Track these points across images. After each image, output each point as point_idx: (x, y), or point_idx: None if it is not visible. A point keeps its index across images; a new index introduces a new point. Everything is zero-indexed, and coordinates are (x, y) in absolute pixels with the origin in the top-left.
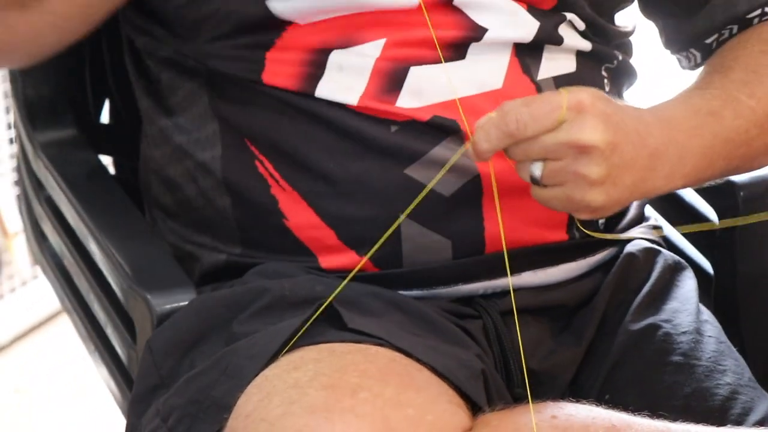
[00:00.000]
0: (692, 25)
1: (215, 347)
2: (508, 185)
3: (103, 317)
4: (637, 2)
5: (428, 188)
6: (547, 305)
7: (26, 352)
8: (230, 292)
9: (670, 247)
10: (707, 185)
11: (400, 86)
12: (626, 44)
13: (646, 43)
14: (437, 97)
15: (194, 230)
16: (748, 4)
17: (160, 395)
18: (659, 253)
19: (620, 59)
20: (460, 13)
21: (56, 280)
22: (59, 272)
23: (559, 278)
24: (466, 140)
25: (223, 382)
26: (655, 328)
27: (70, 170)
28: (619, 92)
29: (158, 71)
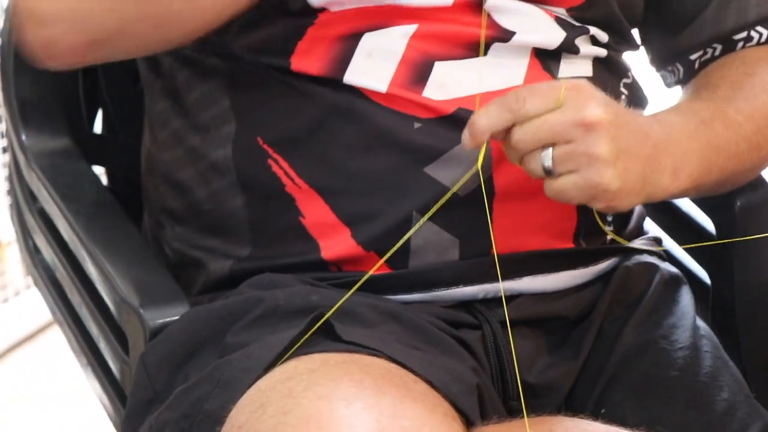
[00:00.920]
0: (679, 39)
1: (209, 360)
2: (516, 189)
3: (95, 331)
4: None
5: (452, 192)
6: (546, 316)
7: (20, 361)
8: (224, 303)
9: (668, 258)
10: (705, 196)
11: (425, 78)
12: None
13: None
14: (461, 91)
15: (203, 234)
16: (735, 22)
17: (154, 410)
18: (657, 267)
19: (633, 76)
20: (488, 17)
21: (48, 292)
22: (52, 285)
23: (559, 286)
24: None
25: (216, 394)
26: (652, 343)
27: (63, 181)
28: None
29: (176, 69)
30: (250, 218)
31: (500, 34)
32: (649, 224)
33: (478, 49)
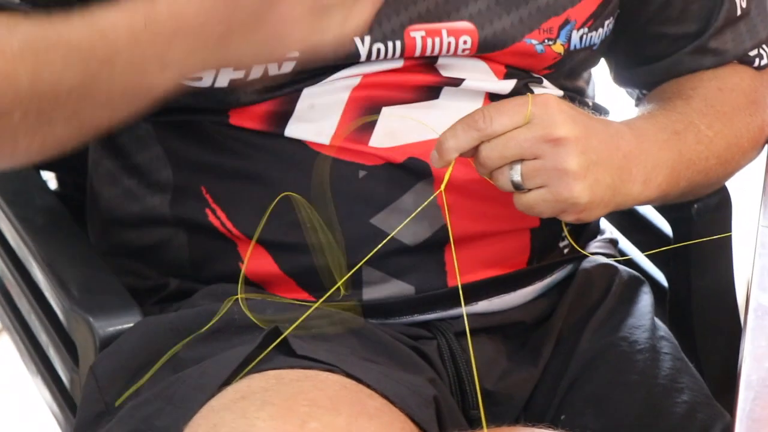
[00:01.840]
0: (649, 71)
1: (163, 374)
2: (469, 234)
3: (45, 339)
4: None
5: (389, 238)
6: (503, 323)
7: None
8: (177, 315)
9: (625, 261)
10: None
11: (372, 126)
12: (591, 85)
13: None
14: (411, 137)
15: (146, 266)
16: (711, 64)
17: (105, 423)
18: (616, 269)
19: (590, 105)
20: (438, 74)
21: None
22: (0, 291)
23: (515, 303)
24: (436, 185)
25: (168, 412)
26: (611, 346)
27: (9, 187)
28: None
29: None
30: (191, 257)
31: (448, 80)
32: (604, 225)
33: (427, 93)
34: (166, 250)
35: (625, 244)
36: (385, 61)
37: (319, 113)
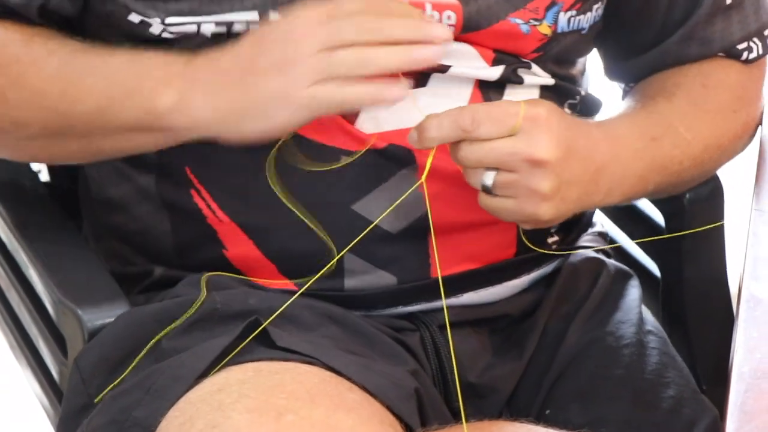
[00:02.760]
0: (638, 62)
1: (145, 364)
2: (453, 223)
3: (34, 331)
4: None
5: (372, 226)
6: (489, 316)
7: None
8: (160, 305)
9: (617, 252)
10: None
11: (355, 116)
12: (585, 78)
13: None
14: (394, 124)
15: (134, 251)
16: (698, 54)
17: (89, 415)
18: (603, 263)
19: (583, 94)
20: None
21: None
22: None
23: (502, 296)
24: (419, 173)
25: (146, 402)
26: (597, 340)
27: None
28: None
29: None
30: (175, 245)
31: (436, 66)
32: (598, 215)
33: (415, 81)
34: (151, 235)
35: (618, 235)
36: None
37: None
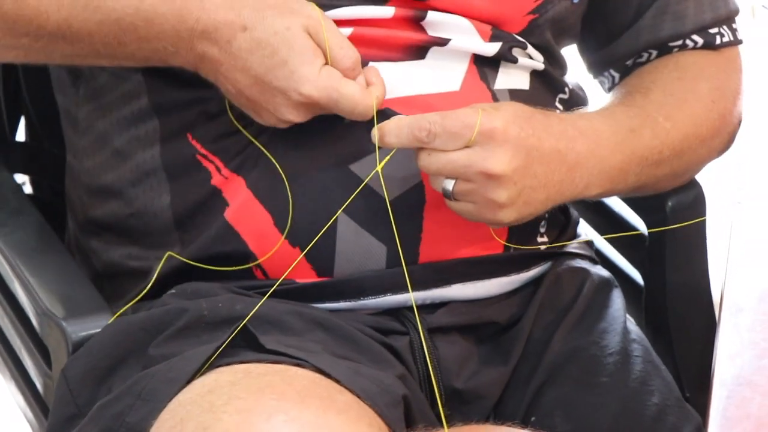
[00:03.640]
0: (614, 47)
1: (133, 372)
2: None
3: (18, 343)
4: None
5: (366, 181)
6: (476, 322)
7: None
8: (147, 314)
9: (601, 260)
10: (636, 197)
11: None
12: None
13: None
14: (393, 93)
15: (130, 241)
16: (672, 30)
17: (77, 425)
18: (587, 272)
19: (571, 88)
20: (425, 32)
21: None
22: None
23: (490, 293)
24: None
25: (137, 407)
26: (581, 349)
27: None
28: None
29: (97, 71)
30: (174, 216)
31: (435, 40)
32: (582, 226)
33: (414, 53)
34: (148, 215)
35: (602, 245)
36: (374, 3)
37: None
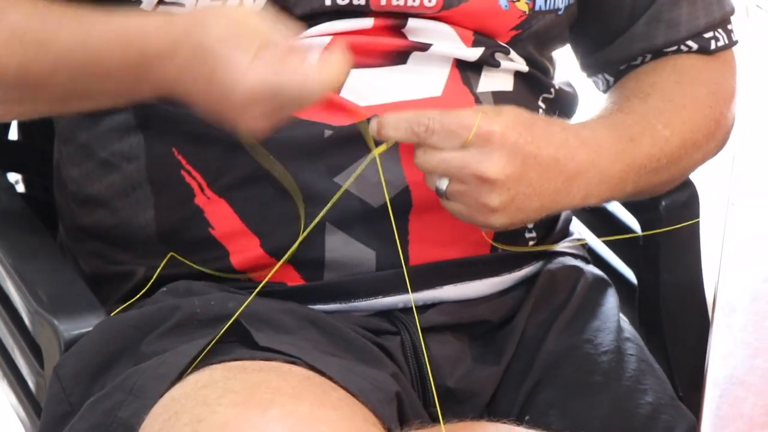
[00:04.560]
0: (607, 52)
1: (126, 370)
2: (433, 201)
3: (10, 342)
4: None
5: (345, 186)
6: (469, 321)
7: None
8: (139, 312)
9: (594, 259)
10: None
11: (340, 87)
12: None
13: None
14: (377, 99)
15: (116, 248)
16: (666, 38)
17: (69, 423)
18: (581, 270)
19: (557, 89)
20: (406, 38)
21: None
22: None
23: (481, 293)
24: (400, 148)
25: (129, 402)
26: (575, 347)
27: None
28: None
29: None
30: (158, 230)
31: (416, 45)
32: (575, 224)
33: (394, 58)
34: (132, 227)
35: (595, 243)
36: (353, 16)
37: None
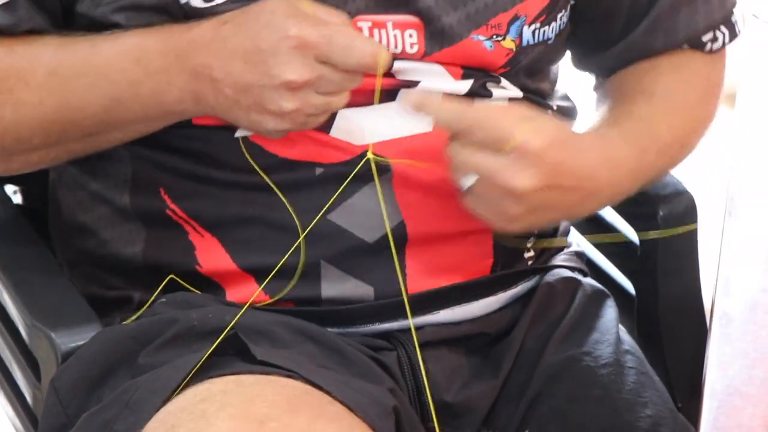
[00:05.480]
0: (603, 58)
1: (123, 382)
2: (428, 235)
3: (7, 355)
4: None
5: (331, 201)
6: (465, 335)
7: None
8: (137, 323)
9: (592, 270)
10: (628, 207)
11: (329, 126)
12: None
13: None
14: (367, 138)
15: (107, 273)
16: (663, 44)
17: None
18: (579, 282)
19: (555, 108)
20: (394, 77)
21: None
22: None
23: (478, 313)
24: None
25: (124, 416)
26: (575, 360)
27: None
28: None
29: None
30: (146, 264)
31: (405, 83)
32: (573, 235)
33: (385, 93)
34: (119, 259)
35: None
36: None
37: None
